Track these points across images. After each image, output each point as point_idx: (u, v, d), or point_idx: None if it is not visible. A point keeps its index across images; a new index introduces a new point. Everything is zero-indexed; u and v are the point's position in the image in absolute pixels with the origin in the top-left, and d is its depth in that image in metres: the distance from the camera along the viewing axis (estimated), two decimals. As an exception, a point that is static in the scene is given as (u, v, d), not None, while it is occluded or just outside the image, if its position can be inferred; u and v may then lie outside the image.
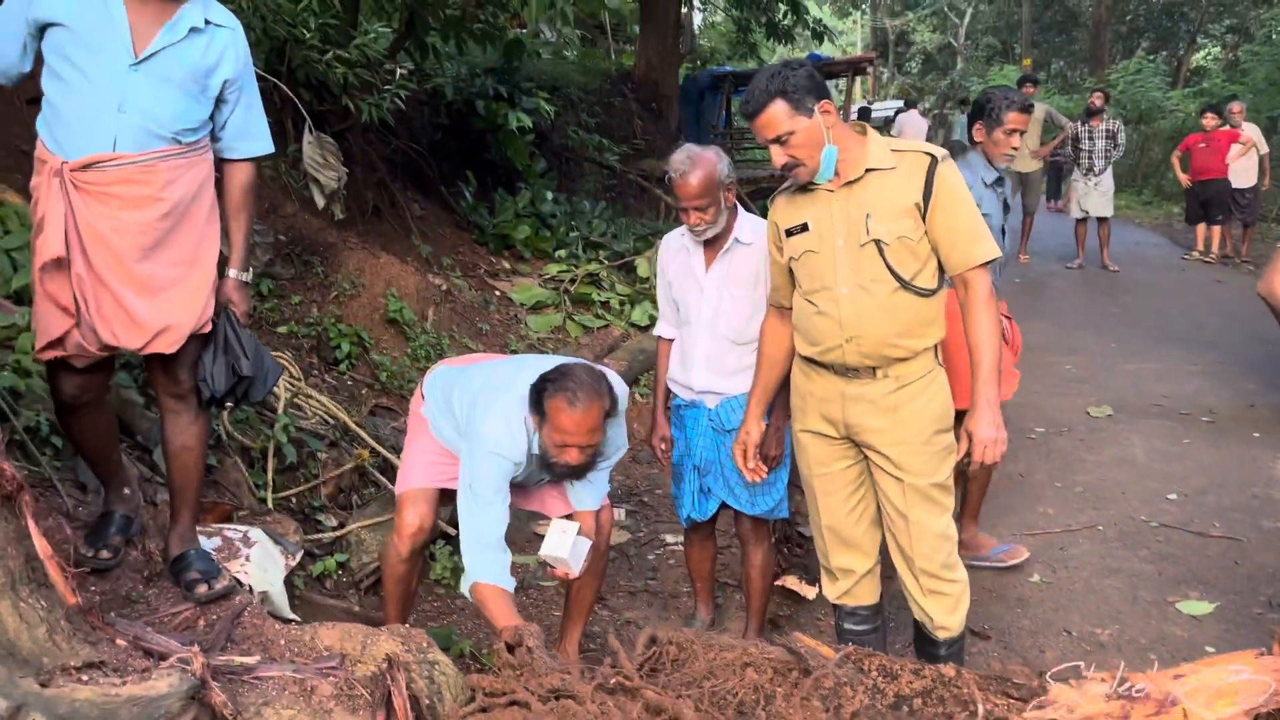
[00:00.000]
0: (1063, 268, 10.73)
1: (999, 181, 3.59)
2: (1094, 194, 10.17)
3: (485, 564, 2.66)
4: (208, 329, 2.43)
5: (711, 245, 3.10)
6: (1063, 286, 9.95)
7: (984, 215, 2.71)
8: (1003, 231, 3.59)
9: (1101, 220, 10.35)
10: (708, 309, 3.12)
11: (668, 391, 3.36)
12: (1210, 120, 10.64)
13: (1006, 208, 3.64)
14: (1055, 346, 7.43)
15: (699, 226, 3.01)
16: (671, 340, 3.32)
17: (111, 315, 2.31)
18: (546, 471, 2.78)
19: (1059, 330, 7.82)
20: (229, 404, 2.62)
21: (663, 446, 3.32)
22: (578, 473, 2.79)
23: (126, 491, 2.67)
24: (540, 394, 2.65)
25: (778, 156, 2.45)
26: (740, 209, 3.13)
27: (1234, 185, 10.56)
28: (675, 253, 3.22)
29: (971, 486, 4.04)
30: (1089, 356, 7.28)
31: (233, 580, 2.60)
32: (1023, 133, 3.56)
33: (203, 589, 2.51)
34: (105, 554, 2.53)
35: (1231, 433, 5.48)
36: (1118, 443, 5.45)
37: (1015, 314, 4.03)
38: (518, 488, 3.01)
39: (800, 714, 1.73)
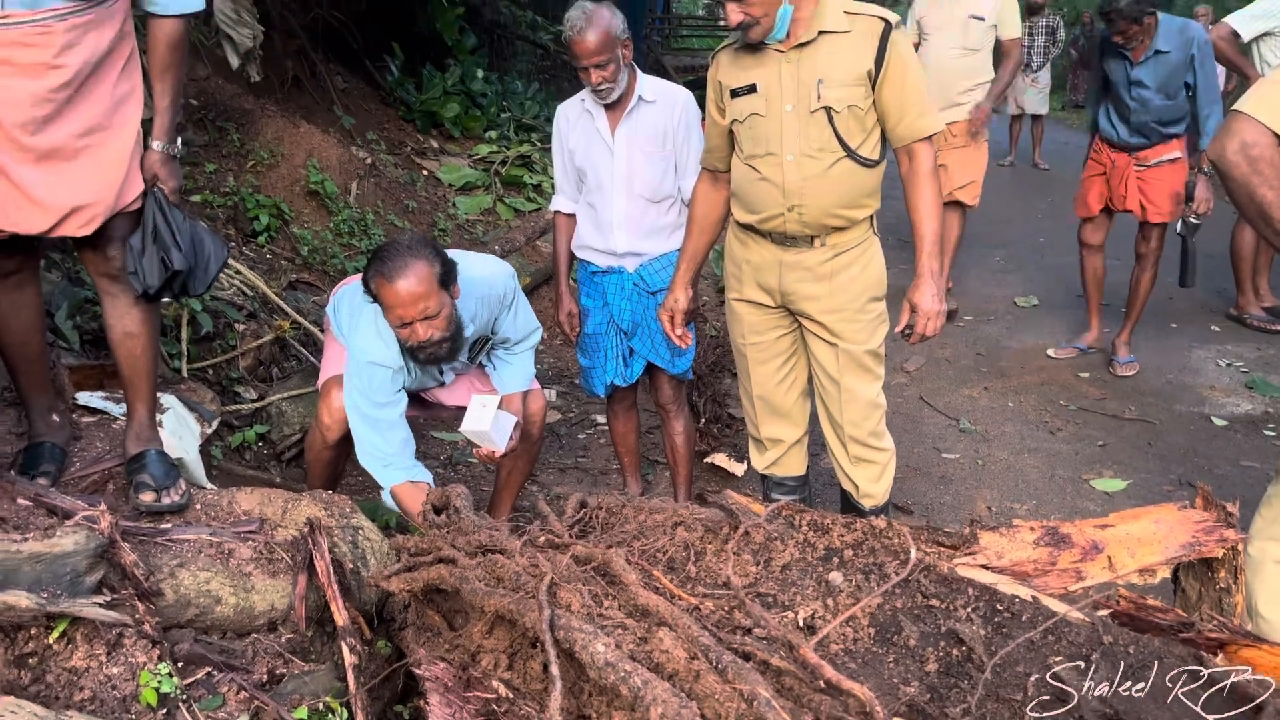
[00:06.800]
0: (994, 164, 10.77)
1: None
2: (1031, 91, 10.15)
3: (390, 473, 2.60)
4: (136, 206, 2.16)
5: (614, 108, 3.02)
6: (994, 182, 9.99)
7: None
8: None
9: (1036, 118, 10.35)
10: (620, 170, 3.04)
11: (570, 265, 3.30)
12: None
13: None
14: (986, 239, 7.51)
15: (602, 86, 2.91)
16: (571, 215, 3.24)
17: (3, 196, 2.03)
18: (414, 360, 2.60)
19: (990, 224, 7.89)
20: (167, 298, 2.33)
21: (570, 322, 3.27)
22: (443, 353, 2.57)
23: (55, 418, 2.42)
24: (367, 282, 2.48)
25: (733, 14, 2.34)
26: (637, 68, 3.04)
27: None
28: (576, 120, 3.11)
29: (1134, 300, 5.02)
30: (1017, 249, 7.39)
31: (186, 496, 2.32)
32: None
33: (148, 497, 2.25)
34: (43, 480, 2.27)
35: (1149, 323, 5.61)
36: (1041, 331, 5.55)
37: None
38: (435, 392, 2.93)
39: (730, 567, 1.72)
